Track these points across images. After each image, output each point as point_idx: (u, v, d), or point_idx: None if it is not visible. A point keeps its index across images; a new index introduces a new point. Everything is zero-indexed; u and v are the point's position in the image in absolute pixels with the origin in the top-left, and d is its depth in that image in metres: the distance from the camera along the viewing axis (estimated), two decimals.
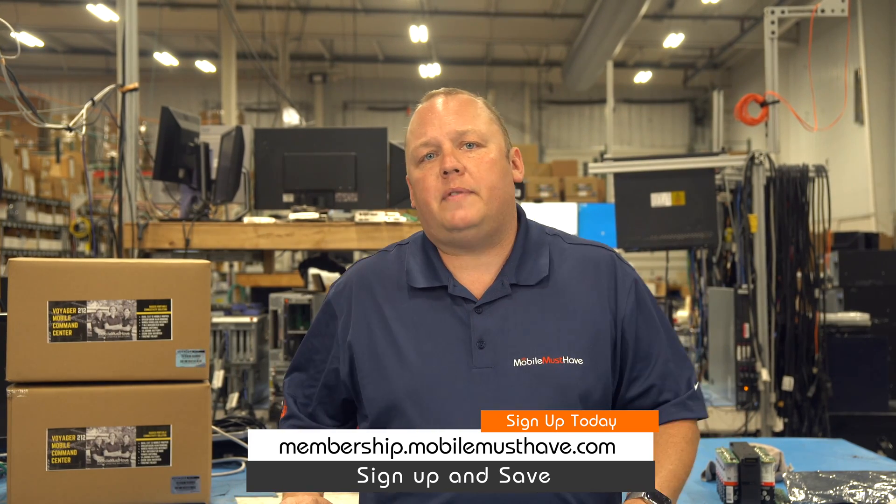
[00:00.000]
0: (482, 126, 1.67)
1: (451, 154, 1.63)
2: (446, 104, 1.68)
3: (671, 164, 4.73)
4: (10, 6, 11.79)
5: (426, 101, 1.71)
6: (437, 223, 1.64)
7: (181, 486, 2.06)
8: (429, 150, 1.66)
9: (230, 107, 13.63)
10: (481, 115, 1.68)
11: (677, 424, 1.65)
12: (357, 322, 1.68)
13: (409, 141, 1.70)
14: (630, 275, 1.70)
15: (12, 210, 10.35)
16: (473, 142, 1.65)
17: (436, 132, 1.65)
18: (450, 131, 1.64)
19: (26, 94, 3.01)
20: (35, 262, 2.05)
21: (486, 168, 1.63)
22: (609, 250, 1.73)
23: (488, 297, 1.63)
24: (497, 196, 1.64)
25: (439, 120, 1.66)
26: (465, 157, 1.64)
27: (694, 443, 1.65)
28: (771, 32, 4.60)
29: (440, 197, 1.63)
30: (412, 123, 1.71)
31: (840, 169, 11.08)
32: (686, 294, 7.66)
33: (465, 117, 1.66)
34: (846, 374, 4.54)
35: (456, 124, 1.65)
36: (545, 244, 1.70)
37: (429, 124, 1.66)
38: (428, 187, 1.65)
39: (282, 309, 3.65)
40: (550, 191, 10.45)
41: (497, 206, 1.64)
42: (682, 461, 1.60)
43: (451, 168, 1.62)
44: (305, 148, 4.09)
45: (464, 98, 1.70)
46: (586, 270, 1.68)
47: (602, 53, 13.61)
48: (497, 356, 1.60)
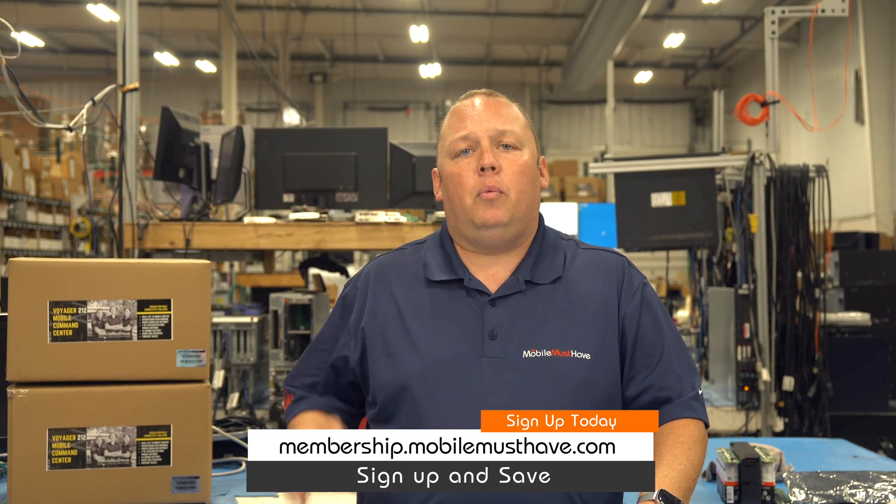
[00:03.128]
0: (519, 130, 1.71)
1: (489, 151, 1.67)
2: (487, 103, 1.72)
3: (671, 164, 4.73)
4: (10, 6, 11.79)
5: (466, 98, 1.76)
6: (467, 218, 1.68)
7: (181, 486, 2.06)
8: (467, 144, 1.69)
9: (230, 107, 13.63)
10: (519, 119, 1.73)
11: (683, 424, 1.64)
12: (371, 310, 1.72)
13: (446, 134, 1.73)
14: (638, 279, 1.74)
15: (13, 210, 10.34)
16: (510, 143, 1.69)
17: (476, 128, 1.69)
18: (490, 128, 1.69)
19: (27, 94, 3.01)
20: (35, 262, 2.05)
21: (518, 171, 1.68)
22: (620, 256, 1.77)
23: (503, 291, 1.68)
24: (525, 200, 1.69)
25: (479, 117, 1.70)
26: (501, 156, 1.68)
27: (702, 443, 1.65)
28: (771, 32, 4.60)
29: (476, 193, 1.67)
30: (450, 118, 1.74)
31: (840, 169, 11.10)
32: (686, 294, 7.66)
33: (505, 118, 1.71)
34: (846, 374, 4.54)
35: (496, 123, 1.69)
36: (560, 247, 1.75)
37: (469, 120, 1.70)
38: (464, 183, 1.68)
39: (282, 309, 3.65)
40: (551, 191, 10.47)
41: (524, 210, 1.69)
42: (691, 461, 1.59)
43: (489, 164, 1.66)
44: (306, 148, 4.10)
45: (503, 101, 1.75)
46: (597, 271, 1.72)
47: (602, 53, 13.60)
48: (507, 347, 1.63)
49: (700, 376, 1.79)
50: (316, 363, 1.80)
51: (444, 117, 1.77)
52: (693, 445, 1.62)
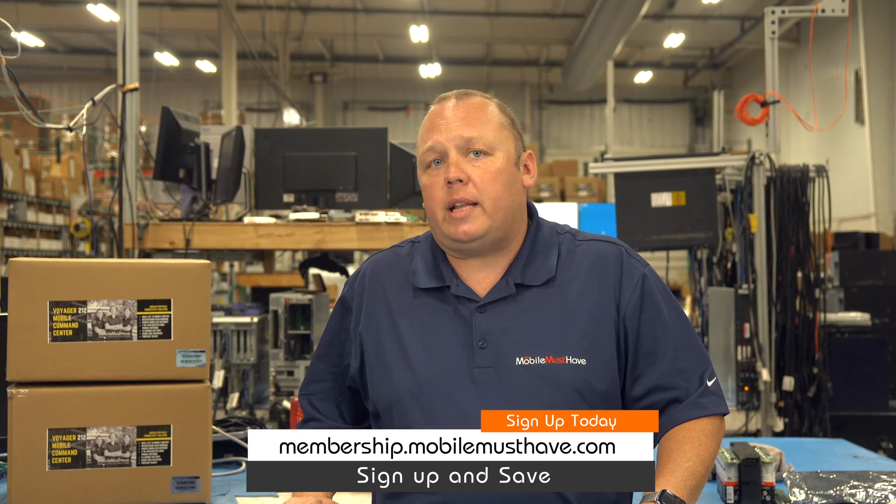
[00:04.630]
0: (490, 133, 1.64)
1: (455, 163, 1.61)
2: (456, 109, 1.65)
3: (671, 164, 4.73)
4: (10, 6, 11.79)
5: (437, 104, 1.69)
6: (442, 233, 1.64)
7: (181, 486, 2.06)
8: (434, 156, 1.64)
9: (230, 107, 13.63)
10: (492, 120, 1.66)
11: (693, 423, 1.60)
12: (368, 315, 1.69)
13: (419, 145, 1.69)
14: (638, 269, 1.67)
15: (13, 210, 10.35)
16: (480, 150, 1.63)
17: (442, 138, 1.63)
18: (456, 137, 1.62)
19: (26, 94, 3.01)
20: (35, 262, 2.05)
21: (490, 179, 1.61)
22: (618, 245, 1.70)
23: (491, 296, 1.63)
24: (502, 206, 1.62)
25: (447, 125, 1.64)
26: (469, 165, 1.62)
27: (714, 436, 1.60)
28: (771, 32, 4.60)
29: (445, 207, 1.62)
30: (422, 127, 1.69)
31: (840, 169, 11.09)
32: (686, 294, 7.66)
33: (474, 124, 1.64)
34: (846, 374, 4.54)
35: (463, 130, 1.63)
36: (554, 244, 1.68)
37: (436, 130, 1.64)
38: (434, 196, 1.63)
39: (282, 309, 3.64)
40: (551, 191, 10.46)
41: (502, 217, 1.63)
42: (700, 456, 1.55)
43: (454, 178, 1.60)
44: (306, 148, 4.09)
45: (475, 102, 1.67)
46: (594, 267, 1.66)
47: (602, 53, 13.60)
48: (499, 355, 1.59)
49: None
50: (325, 367, 1.77)
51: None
52: (704, 440, 1.57)
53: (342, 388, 1.76)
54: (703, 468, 1.55)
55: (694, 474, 1.53)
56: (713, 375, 1.66)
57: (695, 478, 1.53)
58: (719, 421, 1.64)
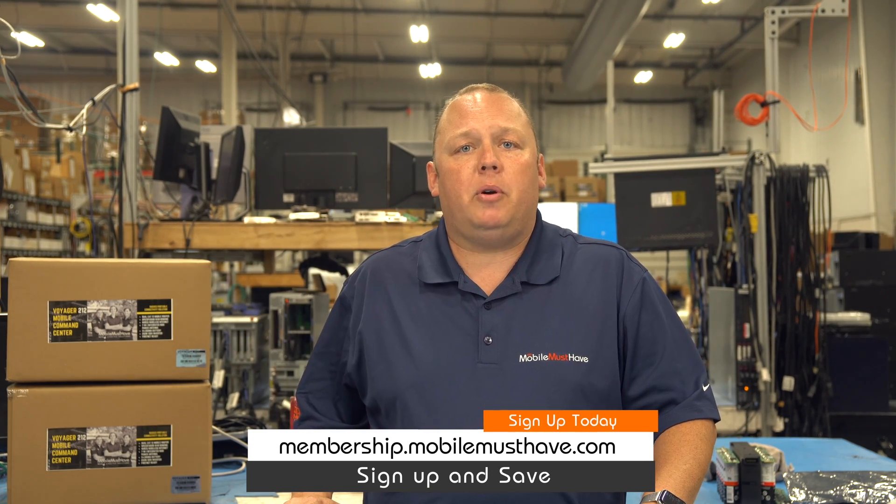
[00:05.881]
0: (521, 128, 1.67)
1: (490, 149, 1.63)
2: (489, 99, 1.67)
3: (671, 164, 4.73)
4: (10, 6, 11.80)
5: (467, 92, 1.70)
6: (465, 217, 1.65)
7: (181, 486, 2.06)
8: (467, 141, 1.65)
9: (230, 107, 13.63)
10: (521, 116, 1.69)
11: (688, 425, 1.62)
12: (368, 314, 1.69)
13: (445, 129, 1.69)
14: (638, 273, 1.69)
15: (12, 210, 10.35)
16: (512, 142, 1.65)
17: (478, 125, 1.65)
18: (492, 125, 1.65)
19: (26, 94, 3.01)
20: (35, 262, 2.05)
21: (520, 171, 1.64)
22: (619, 249, 1.73)
23: (498, 293, 1.64)
24: (525, 200, 1.65)
25: (481, 113, 1.65)
26: (503, 155, 1.64)
27: (708, 440, 1.62)
28: (771, 32, 4.60)
29: (474, 192, 1.63)
30: (450, 113, 1.69)
31: (840, 169, 11.09)
32: (686, 294, 7.66)
33: (508, 116, 1.66)
34: (846, 374, 4.54)
35: (499, 120, 1.65)
36: (558, 245, 1.71)
37: (471, 116, 1.66)
38: (462, 180, 1.64)
39: (282, 309, 3.65)
40: (551, 191, 10.46)
41: (524, 210, 1.65)
42: (696, 459, 1.57)
43: (490, 163, 1.62)
44: (306, 148, 4.10)
45: (505, 96, 1.70)
46: (596, 269, 1.68)
47: (602, 53, 13.60)
48: (503, 352, 1.60)
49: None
50: (323, 365, 1.78)
51: (443, 111, 1.73)
52: (699, 443, 1.59)
53: (340, 386, 1.76)
54: (700, 471, 1.57)
55: (691, 476, 1.55)
56: (707, 381, 1.69)
57: (692, 480, 1.55)
58: (713, 426, 1.66)
